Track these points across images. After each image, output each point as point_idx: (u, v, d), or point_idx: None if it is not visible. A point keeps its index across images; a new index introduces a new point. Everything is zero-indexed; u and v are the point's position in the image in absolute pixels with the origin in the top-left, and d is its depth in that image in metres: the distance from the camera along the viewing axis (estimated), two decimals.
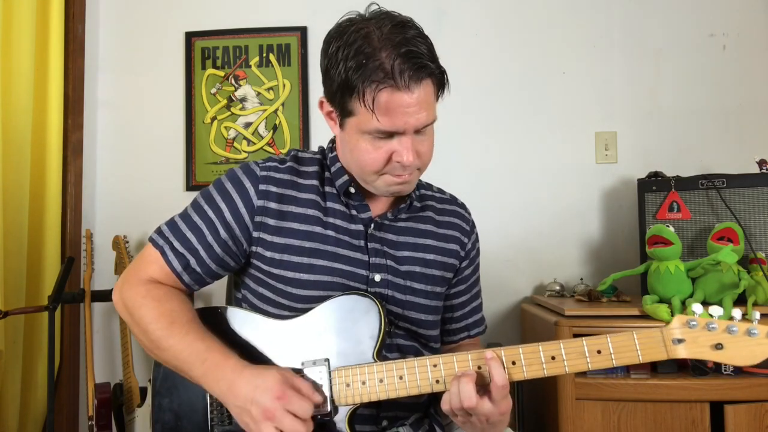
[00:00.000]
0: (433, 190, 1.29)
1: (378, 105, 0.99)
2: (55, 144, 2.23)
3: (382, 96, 0.98)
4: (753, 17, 2.31)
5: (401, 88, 0.98)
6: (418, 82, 0.99)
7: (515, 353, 0.98)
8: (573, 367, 0.97)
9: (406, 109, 0.99)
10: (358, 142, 1.05)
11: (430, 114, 1.03)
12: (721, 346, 0.93)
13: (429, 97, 1.02)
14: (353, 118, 1.03)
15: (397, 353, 1.13)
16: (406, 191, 1.12)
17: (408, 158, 1.03)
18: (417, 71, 0.98)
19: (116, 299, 1.11)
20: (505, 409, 0.97)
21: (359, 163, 1.07)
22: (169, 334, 1.02)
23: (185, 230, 1.11)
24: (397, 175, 1.07)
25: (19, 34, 2.07)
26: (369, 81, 0.98)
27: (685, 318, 0.95)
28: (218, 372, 0.98)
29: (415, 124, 1.01)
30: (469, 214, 1.30)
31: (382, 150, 1.04)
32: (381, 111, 0.99)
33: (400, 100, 0.98)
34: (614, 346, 0.96)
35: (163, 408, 1.08)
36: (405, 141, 1.03)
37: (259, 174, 1.12)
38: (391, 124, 1.00)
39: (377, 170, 1.06)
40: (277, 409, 0.92)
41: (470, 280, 1.28)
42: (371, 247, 1.13)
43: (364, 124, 1.02)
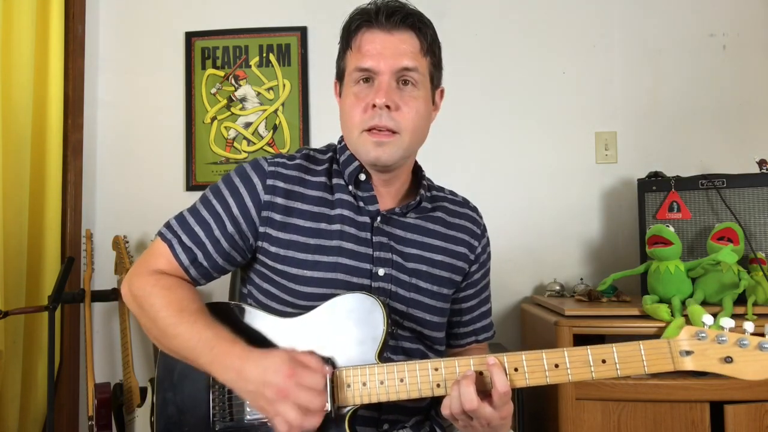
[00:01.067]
0: (445, 192, 1.28)
1: (356, 43, 1.10)
2: (55, 144, 2.23)
3: (360, 33, 1.09)
4: (753, 17, 2.31)
5: (378, 27, 1.08)
6: (397, 26, 1.08)
7: (518, 360, 0.97)
8: (577, 375, 0.95)
9: (381, 48, 1.07)
10: (346, 98, 1.11)
11: (409, 61, 1.07)
12: (730, 360, 0.91)
13: (409, 46, 1.08)
14: (345, 75, 1.12)
15: (402, 356, 1.13)
16: (384, 157, 1.08)
17: (380, 97, 1.05)
18: (395, 15, 1.07)
19: (125, 292, 1.12)
20: (506, 414, 0.97)
21: (345, 119, 1.12)
22: (178, 321, 1.03)
23: (193, 224, 1.12)
24: (371, 130, 1.07)
25: (19, 34, 2.07)
26: (352, 24, 1.11)
27: (694, 329, 0.94)
28: (226, 359, 0.98)
29: (392, 64, 1.07)
30: (481, 218, 1.29)
31: (363, 100, 1.08)
32: (357, 47, 1.09)
33: (377, 38, 1.08)
34: (620, 356, 0.94)
35: (166, 402, 1.09)
36: (379, 81, 1.07)
37: (267, 169, 1.13)
38: (367, 61, 1.07)
39: (357, 123, 1.08)
40: (290, 387, 0.93)
41: (480, 285, 1.27)
42: (376, 240, 1.13)
43: (349, 70, 1.10)
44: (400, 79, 1.08)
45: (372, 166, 1.12)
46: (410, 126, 1.09)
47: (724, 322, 0.92)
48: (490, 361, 0.96)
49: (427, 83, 1.12)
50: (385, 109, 1.06)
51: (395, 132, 1.07)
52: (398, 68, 1.07)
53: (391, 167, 1.12)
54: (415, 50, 1.09)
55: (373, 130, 1.07)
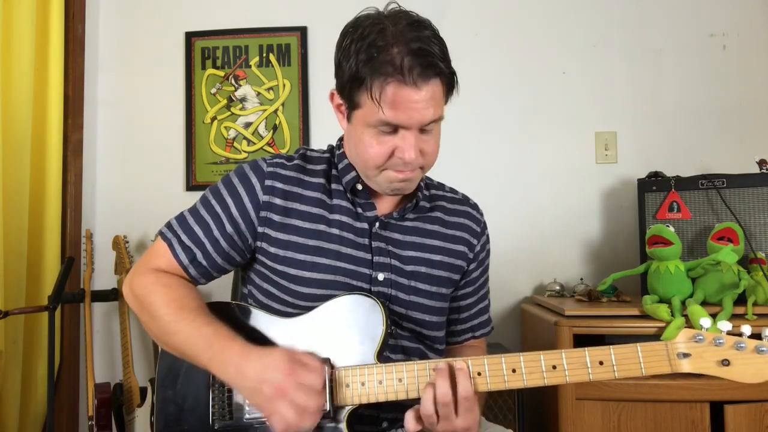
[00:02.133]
0: (444, 190, 1.28)
1: (384, 98, 1.00)
2: (55, 144, 2.23)
3: (389, 89, 0.99)
4: (753, 17, 2.31)
5: (408, 84, 0.99)
6: (427, 80, 1.00)
7: (516, 361, 0.97)
8: (574, 377, 0.95)
9: (412, 105, 1.00)
10: (363, 135, 1.06)
11: (436, 112, 1.03)
12: (727, 362, 0.91)
13: (436, 96, 1.03)
14: (360, 110, 1.04)
15: (402, 355, 1.13)
16: (407, 189, 1.12)
17: (410, 155, 1.03)
18: (426, 69, 0.99)
19: (126, 291, 1.12)
20: (469, 424, 0.96)
21: (362, 156, 1.08)
22: (178, 318, 1.03)
23: (193, 224, 1.12)
24: (398, 171, 1.07)
25: (19, 34, 2.07)
26: (378, 74, 0.99)
27: (692, 332, 0.94)
28: (225, 356, 0.99)
29: (420, 120, 1.02)
30: (481, 215, 1.28)
31: (386, 145, 1.04)
32: (387, 104, 1.00)
33: (407, 96, 0.99)
34: (617, 358, 0.94)
35: (167, 400, 1.09)
36: (408, 137, 1.03)
37: (265, 170, 1.13)
38: (395, 118, 1.01)
39: (379, 165, 1.06)
40: (289, 385, 0.93)
41: (478, 282, 1.27)
42: (375, 245, 1.13)
43: (370, 116, 1.02)
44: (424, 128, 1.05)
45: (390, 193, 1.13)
46: (432, 161, 1.10)
47: (722, 324, 0.92)
48: (457, 366, 0.97)
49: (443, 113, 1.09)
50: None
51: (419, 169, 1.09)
52: (425, 123, 1.03)
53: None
54: (439, 96, 1.04)
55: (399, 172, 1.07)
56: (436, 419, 0.96)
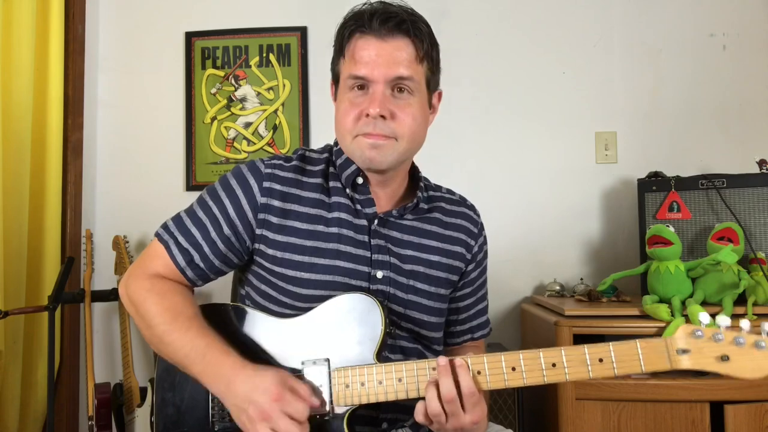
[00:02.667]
0: (442, 192, 1.28)
1: (350, 49, 1.08)
2: (55, 144, 2.23)
3: (354, 41, 1.08)
4: (753, 17, 2.30)
5: (372, 34, 1.06)
6: (391, 33, 1.06)
7: (515, 359, 0.97)
8: (574, 375, 0.95)
9: (376, 57, 1.05)
10: (341, 104, 1.11)
11: (404, 70, 1.06)
12: (727, 358, 0.91)
13: (407, 55, 1.06)
14: (340, 81, 1.11)
15: (400, 355, 1.13)
16: (379, 160, 1.08)
17: (374, 107, 1.05)
18: (389, 21, 1.05)
19: (122, 293, 1.12)
20: (477, 418, 0.96)
21: (340, 125, 1.11)
22: (172, 329, 1.03)
23: (189, 226, 1.12)
24: (366, 135, 1.07)
25: (19, 34, 2.07)
26: (345, 29, 1.09)
27: (691, 328, 0.93)
28: (217, 369, 0.99)
29: (386, 72, 1.05)
30: (478, 216, 1.28)
31: (358, 108, 1.07)
32: (352, 55, 1.07)
33: (369, 44, 1.06)
34: (616, 354, 0.94)
35: (166, 402, 1.09)
36: (373, 90, 1.06)
37: (263, 171, 1.13)
38: (361, 69, 1.06)
39: (351, 128, 1.08)
40: (273, 411, 0.92)
41: (476, 283, 1.27)
42: (374, 243, 1.13)
43: (344, 77, 1.09)
44: (395, 87, 1.07)
45: (367, 168, 1.12)
46: (407, 132, 1.09)
47: (721, 320, 0.92)
48: (457, 363, 0.97)
49: (423, 89, 1.11)
50: (380, 119, 1.06)
51: (390, 137, 1.08)
52: (392, 77, 1.06)
53: (385, 170, 1.12)
54: (411, 58, 1.07)
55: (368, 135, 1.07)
56: (445, 417, 0.95)
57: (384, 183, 1.16)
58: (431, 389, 0.96)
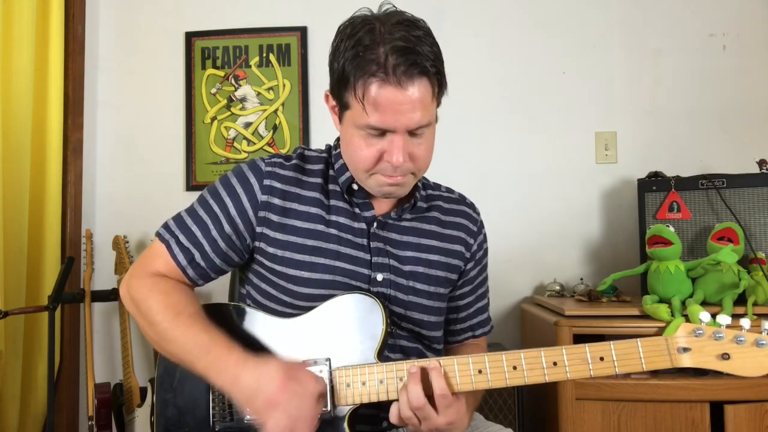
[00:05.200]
0: (441, 190, 1.27)
1: (368, 99, 0.98)
2: (55, 144, 2.23)
3: (373, 89, 0.97)
4: (753, 17, 2.30)
5: (392, 83, 0.96)
6: (411, 79, 0.97)
7: (516, 358, 0.98)
8: (575, 373, 0.95)
9: (397, 106, 0.97)
10: (352, 137, 1.04)
11: (425, 115, 1.00)
12: (727, 356, 0.91)
13: (424, 98, 0.99)
14: (349, 111, 1.03)
15: (400, 354, 1.13)
16: (398, 194, 1.10)
17: (398, 159, 1.01)
18: (410, 67, 0.96)
19: (123, 293, 1.12)
20: (451, 419, 0.97)
21: (353, 159, 1.07)
22: (175, 325, 1.03)
23: (190, 224, 1.12)
24: (388, 176, 1.05)
25: (19, 34, 2.07)
26: (362, 72, 0.97)
27: (692, 327, 0.94)
28: (222, 364, 0.99)
29: (407, 123, 0.99)
30: (478, 215, 1.28)
31: (374, 148, 1.02)
32: (371, 106, 0.98)
33: (392, 96, 0.97)
34: (617, 353, 0.94)
35: (166, 403, 1.09)
36: (396, 140, 1.01)
37: (264, 170, 1.13)
38: (381, 121, 0.99)
39: (368, 169, 1.05)
40: (281, 398, 0.93)
41: (476, 281, 1.27)
42: (374, 246, 1.13)
43: (357, 118, 1.01)
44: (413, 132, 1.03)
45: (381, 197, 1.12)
46: (424, 166, 1.08)
47: (721, 319, 0.93)
48: (430, 365, 0.98)
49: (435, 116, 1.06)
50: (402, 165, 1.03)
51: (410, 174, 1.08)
52: (413, 127, 1.00)
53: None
54: (428, 99, 1.00)
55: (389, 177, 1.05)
56: (417, 421, 0.97)
57: None
58: (404, 393, 0.97)
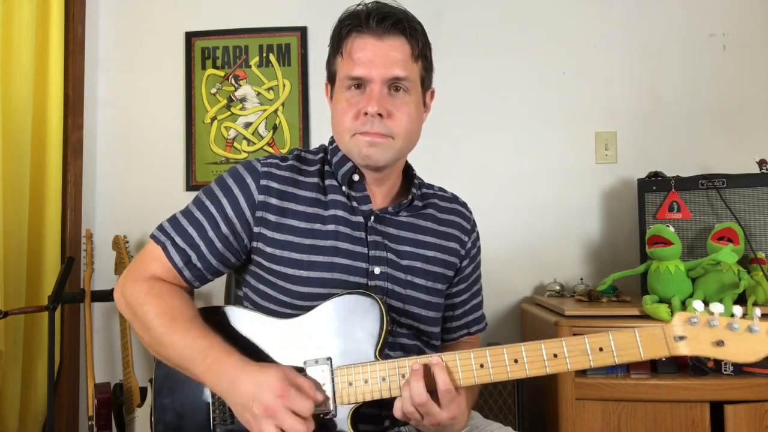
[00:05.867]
0: (434, 189, 1.30)
1: (347, 49, 1.09)
2: (55, 144, 2.24)
3: (351, 40, 1.09)
4: (753, 17, 2.31)
5: (369, 33, 1.07)
6: (388, 32, 1.07)
7: (517, 351, 0.99)
8: (575, 364, 0.97)
9: (372, 56, 1.07)
10: (337, 103, 1.12)
11: (401, 70, 1.07)
12: (722, 343, 0.93)
13: (402, 54, 1.08)
14: (337, 77, 1.12)
15: (400, 352, 1.13)
16: (377, 157, 1.10)
17: (372, 105, 1.06)
18: (385, 20, 1.07)
19: (118, 297, 1.11)
20: (455, 414, 0.98)
21: (337, 124, 1.12)
22: (172, 330, 1.02)
23: (186, 225, 1.11)
24: (364, 133, 1.09)
25: (19, 34, 2.07)
26: (342, 28, 1.10)
27: (687, 315, 0.96)
28: (220, 369, 0.98)
29: (383, 72, 1.07)
30: (470, 213, 1.31)
31: (355, 107, 1.09)
32: (349, 54, 1.09)
33: (368, 45, 1.07)
34: (616, 343, 0.96)
35: (165, 408, 1.08)
36: (371, 89, 1.07)
37: (260, 170, 1.13)
38: (358, 69, 1.07)
39: (349, 127, 1.10)
40: (278, 407, 0.93)
41: (471, 278, 1.29)
42: (371, 239, 1.14)
43: (341, 77, 1.10)
44: (391, 86, 1.09)
45: (365, 166, 1.13)
46: (403, 131, 1.11)
47: (714, 307, 0.95)
48: (433, 361, 0.98)
49: (419, 88, 1.13)
50: (377, 117, 1.08)
51: (387, 136, 1.09)
52: (390, 77, 1.08)
53: (382, 168, 1.14)
54: (406, 57, 1.09)
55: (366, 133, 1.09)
56: (420, 416, 0.98)
57: (380, 180, 1.18)
58: (406, 389, 0.97)
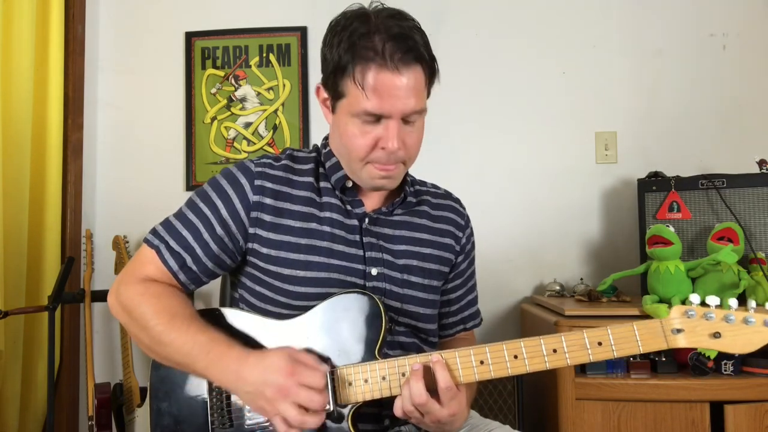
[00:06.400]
0: (427, 186, 1.30)
1: (366, 83, 1.01)
2: (55, 144, 2.23)
3: (371, 75, 1.01)
4: (753, 17, 2.31)
5: (390, 69, 1.00)
6: (408, 65, 1.02)
7: (517, 347, 0.99)
8: (575, 359, 0.98)
9: (394, 91, 1.01)
10: (347, 126, 1.07)
11: (418, 102, 1.04)
12: (719, 335, 0.95)
13: (418, 85, 1.04)
14: (344, 100, 1.06)
15: (399, 350, 1.13)
16: (389, 186, 1.12)
17: (393, 144, 1.04)
18: (406, 54, 1.01)
19: (112, 302, 1.10)
20: (455, 411, 0.98)
21: (347, 148, 1.09)
22: (171, 328, 1.02)
23: (180, 228, 1.11)
24: (380, 167, 1.07)
25: (19, 34, 2.07)
26: (360, 59, 1.01)
27: (684, 308, 0.97)
28: (223, 362, 0.98)
29: (403, 108, 1.03)
30: (464, 209, 1.30)
31: (369, 136, 1.05)
32: (369, 90, 1.02)
33: (389, 81, 1.01)
34: (615, 337, 0.97)
35: (162, 412, 1.08)
36: (391, 126, 1.04)
37: (254, 170, 1.13)
38: (378, 106, 1.02)
39: (362, 157, 1.07)
40: (291, 385, 0.93)
41: (466, 274, 1.29)
42: (366, 241, 1.14)
43: (354, 105, 1.04)
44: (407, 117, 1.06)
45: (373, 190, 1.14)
46: (414, 155, 1.11)
47: (710, 299, 0.96)
48: (433, 359, 0.98)
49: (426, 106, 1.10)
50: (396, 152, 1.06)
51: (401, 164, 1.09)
52: (408, 112, 1.04)
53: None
54: (421, 86, 1.06)
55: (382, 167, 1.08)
56: (420, 415, 0.98)
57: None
58: (406, 389, 0.97)
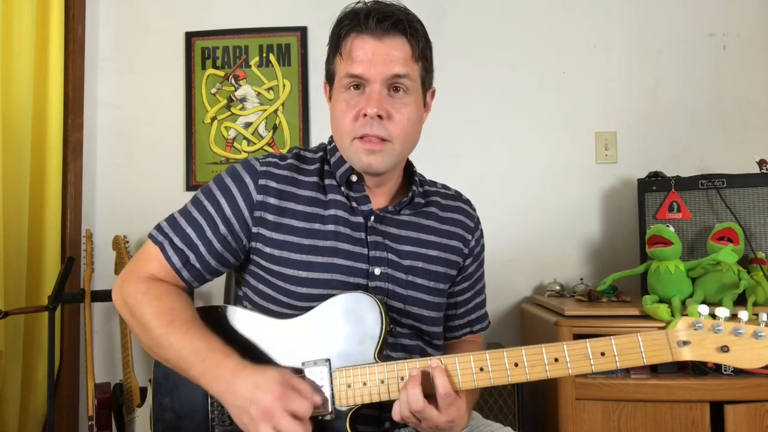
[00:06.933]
0: (437, 187, 1.28)
1: (346, 48, 1.08)
2: (55, 144, 2.23)
3: (350, 40, 1.07)
4: (753, 17, 2.31)
5: (369, 33, 1.05)
6: (388, 33, 1.06)
7: (518, 355, 0.97)
8: (576, 369, 0.95)
9: (373, 56, 1.05)
10: (337, 104, 1.10)
11: (401, 68, 1.06)
12: (727, 349, 0.92)
13: (401, 53, 1.06)
14: (336, 78, 1.10)
15: (402, 353, 1.13)
16: (377, 165, 1.09)
17: (372, 108, 1.04)
18: (383, 19, 1.05)
19: (116, 297, 1.10)
20: (453, 417, 0.97)
21: (337, 125, 1.10)
22: (169, 332, 1.02)
23: (185, 226, 1.11)
24: (364, 140, 1.07)
25: (19, 34, 2.07)
26: (341, 27, 1.08)
27: (691, 320, 0.94)
28: (218, 371, 0.98)
29: (383, 71, 1.05)
30: (474, 211, 1.29)
31: (353, 107, 1.07)
32: (348, 53, 1.07)
33: (368, 46, 1.05)
34: (618, 348, 0.95)
35: (164, 408, 1.08)
36: (370, 90, 1.06)
37: (258, 169, 1.12)
38: (358, 68, 1.05)
39: (349, 131, 1.08)
40: (276, 409, 0.92)
41: (474, 277, 1.28)
42: (371, 240, 1.13)
43: (339, 75, 1.09)
44: (391, 86, 1.07)
45: (364, 172, 1.12)
46: (402, 134, 1.09)
47: (720, 311, 0.94)
48: (432, 364, 0.97)
49: (419, 88, 1.11)
50: (377, 119, 1.06)
51: (386, 140, 1.08)
52: (389, 76, 1.06)
53: (382, 173, 1.13)
54: (407, 56, 1.07)
55: (365, 137, 1.07)
56: (417, 420, 0.97)
57: (379, 182, 1.16)
58: (403, 394, 0.97)
